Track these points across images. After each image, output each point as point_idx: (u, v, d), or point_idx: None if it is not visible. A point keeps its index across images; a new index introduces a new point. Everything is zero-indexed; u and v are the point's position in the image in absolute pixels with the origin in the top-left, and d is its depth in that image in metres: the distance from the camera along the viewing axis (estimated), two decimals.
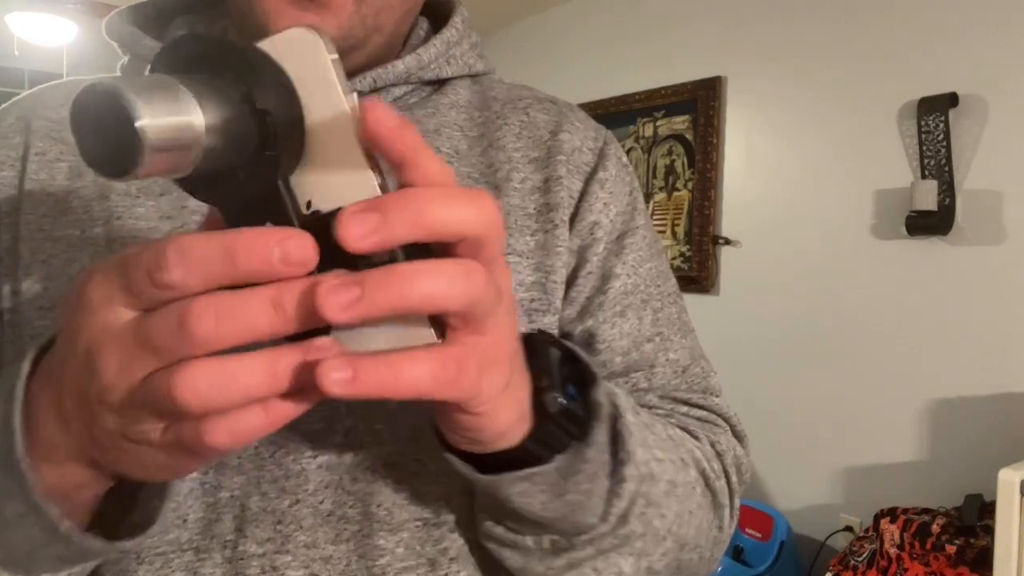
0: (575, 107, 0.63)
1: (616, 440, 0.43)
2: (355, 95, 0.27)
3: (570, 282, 0.55)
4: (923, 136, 2.19)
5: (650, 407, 0.55)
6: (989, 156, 2.13)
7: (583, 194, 0.57)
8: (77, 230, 0.50)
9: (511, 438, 0.37)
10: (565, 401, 0.39)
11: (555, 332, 0.53)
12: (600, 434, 0.41)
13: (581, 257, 0.56)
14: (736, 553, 2.45)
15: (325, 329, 0.27)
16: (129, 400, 0.27)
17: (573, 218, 0.56)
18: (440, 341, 0.29)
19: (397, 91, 0.57)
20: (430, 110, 0.57)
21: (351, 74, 0.53)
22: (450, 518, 0.50)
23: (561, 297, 0.55)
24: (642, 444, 0.44)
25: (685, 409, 0.57)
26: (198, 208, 0.49)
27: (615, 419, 0.43)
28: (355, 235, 0.25)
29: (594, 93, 3.26)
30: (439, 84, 0.60)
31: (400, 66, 0.55)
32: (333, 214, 0.26)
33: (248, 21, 0.48)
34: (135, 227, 0.49)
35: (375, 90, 0.55)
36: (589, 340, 0.55)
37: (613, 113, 3.15)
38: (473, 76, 0.62)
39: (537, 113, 0.60)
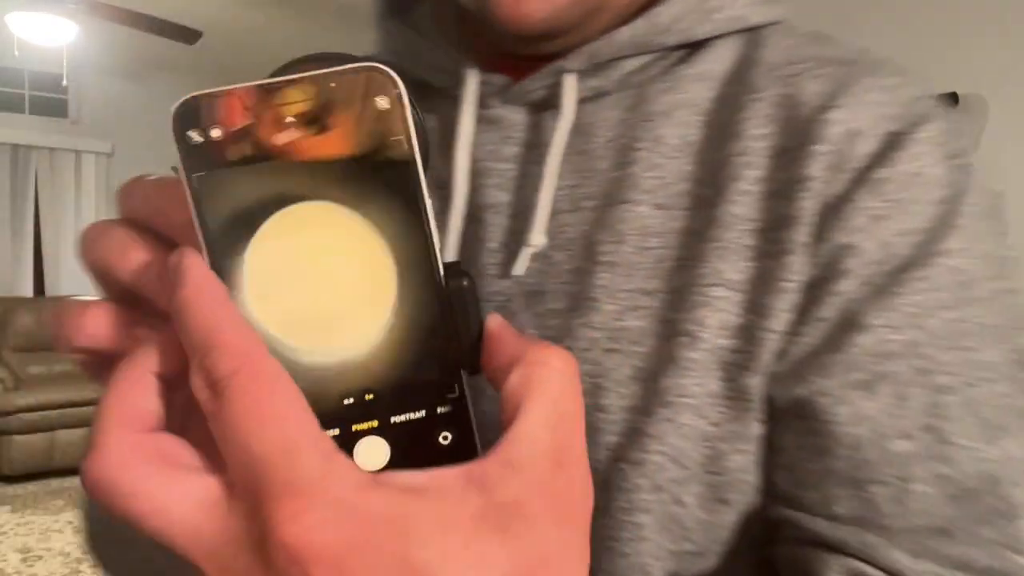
0: (892, 65, 0.42)
1: None
2: None
3: (793, 330, 0.38)
4: None
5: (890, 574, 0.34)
6: (989, 156, 2.13)
7: (839, 203, 0.38)
8: None
9: None
10: None
11: (760, 399, 0.38)
12: None
13: (812, 296, 0.38)
14: None
15: None
16: None
17: (818, 238, 0.38)
18: None
19: (629, 65, 0.43)
20: (667, 84, 0.43)
21: (564, 52, 0.43)
22: None
23: (775, 351, 0.38)
24: None
25: None
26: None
27: None
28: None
29: None
30: (696, 47, 0.45)
31: (625, 33, 0.43)
32: None
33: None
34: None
35: (595, 66, 0.43)
36: (800, 417, 0.37)
37: None
38: (751, 30, 0.45)
39: (808, 82, 0.41)
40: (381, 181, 0.23)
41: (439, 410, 0.24)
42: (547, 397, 0.22)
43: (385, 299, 0.24)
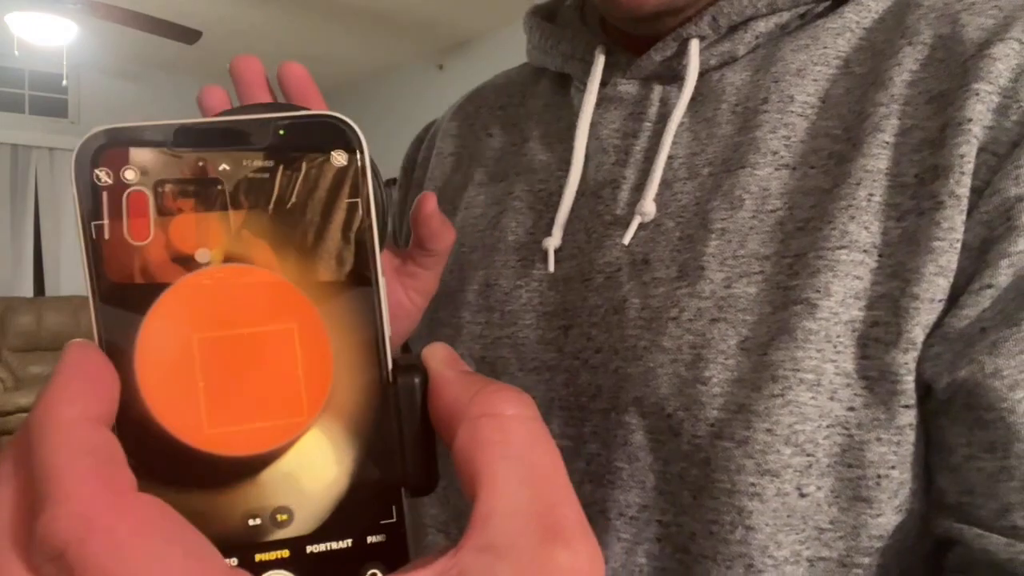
0: None
1: None
2: None
3: (953, 300, 0.33)
4: None
5: None
6: None
7: (1010, 148, 0.33)
8: None
9: None
10: None
11: (909, 381, 0.33)
12: None
13: (979, 259, 0.32)
14: None
15: None
16: None
17: (981, 191, 0.33)
18: None
19: (761, 25, 0.41)
20: (804, 42, 0.41)
21: (677, 26, 0.42)
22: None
23: (927, 326, 0.33)
24: None
25: None
26: (519, 195, 0.48)
27: None
28: None
29: None
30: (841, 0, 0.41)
31: None
32: None
33: None
34: (468, 216, 0.50)
35: (730, 29, 0.41)
36: (968, 406, 0.32)
37: None
38: None
39: (973, 17, 0.36)
40: (325, 247, 0.18)
41: (369, 539, 0.19)
42: (511, 454, 0.18)
43: (314, 394, 0.18)
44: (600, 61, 0.44)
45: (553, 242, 0.43)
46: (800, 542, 0.34)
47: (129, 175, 0.18)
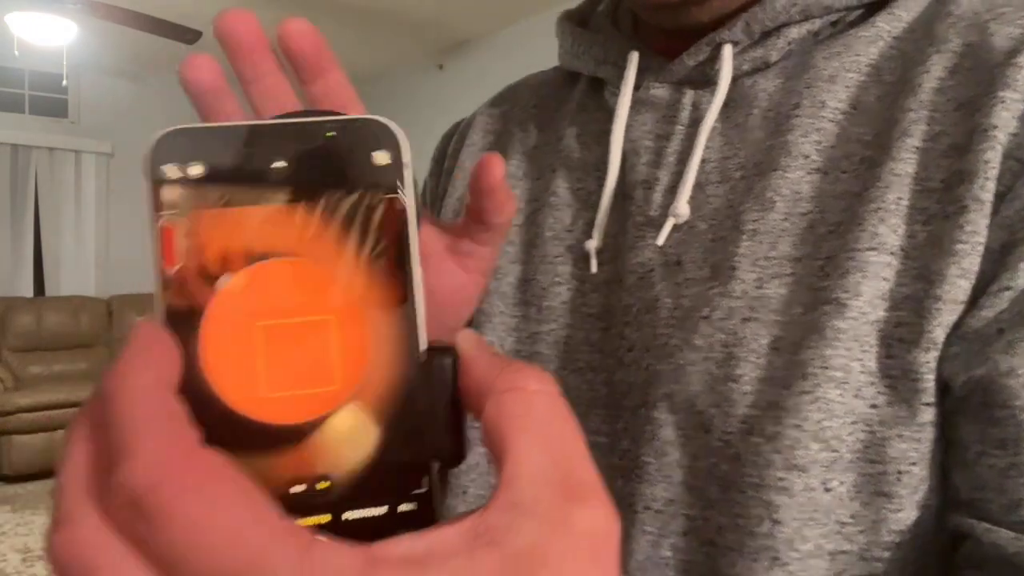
0: None
1: None
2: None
3: (973, 301, 0.34)
4: None
5: None
6: None
7: None
8: None
9: None
10: None
11: (930, 380, 0.34)
12: None
13: (1000, 262, 0.33)
14: None
15: None
16: None
17: (1004, 196, 0.34)
18: None
19: (794, 32, 0.41)
20: (836, 49, 0.41)
21: (699, 32, 0.43)
22: None
23: (948, 327, 0.34)
24: None
25: None
26: (557, 191, 0.49)
27: None
28: None
29: None
30: (877, 6, 0.42)
31: (782, 1, 0.41)
32: None
33: None
34: None
35: (763, 35, 0.42)
36: (982, 404, 0.33)
37: None
38: None
39: (1001, 26, 0.37)
40: (369, 242, 0.21)
41: (401, 508, 0.21)
42: (534, 424, 0.20)
43: (354, 373, 0.21)
44: (633, 65, 0.45)
45: (594, 243, 0.44)
46: (823, 536, 0.34)
47: (195, 171, 0.20)
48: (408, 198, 0.21)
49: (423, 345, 0.21)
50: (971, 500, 0.33)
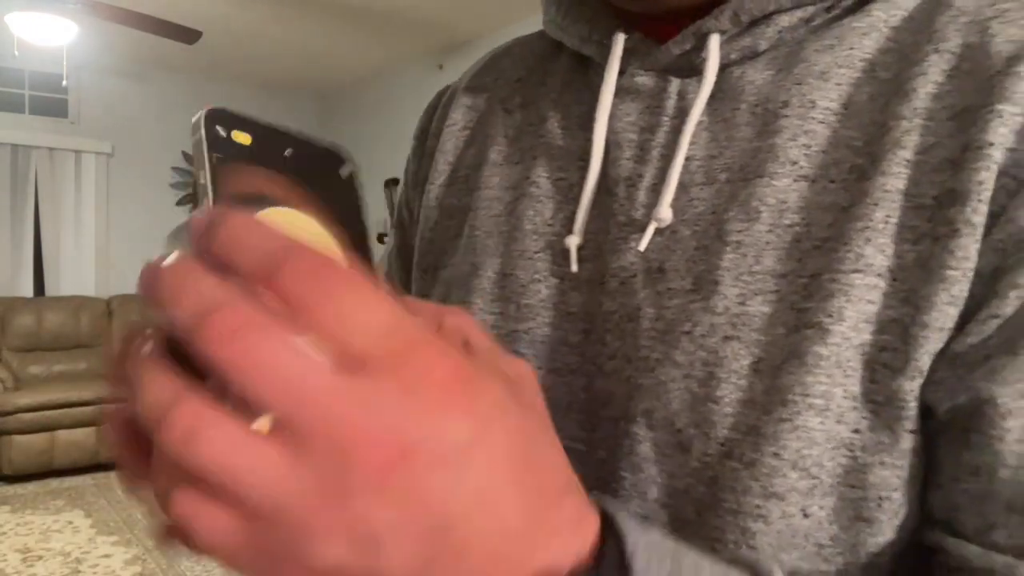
0: None
1: None
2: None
3: (962, 325, 0.33)
4: None
5: None
6: None
7: None
8: (455, 199, 0.51)
9: None
10: None
11: (914, 407, 0.33)
12: None
13: (988, 287, 0.32)
14: None
15: None
16: None
17: (998, 216, 0.33)
18: None
19: (785, 20, 0.39)
20: (829, 42, 0.39)
21: (688, 10, 0.41)
22: None
23: (935, 352, 0.33)
24: None
25: None
26: (537, 181, 0.47)
27: None
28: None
29: None
30: None
31: None
32: None
33: None
34: (483, 197, 0.49)
35: (751, 24, 0.40)
36: (963, 429, 0.32)
37: None
38: None
39: (1003, 27, 0.35)
40: (332, 207, 0.28)
41: None
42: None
43: None
44: (619, 48, 0.43)
45: (575, 240, 0.42)
46: (800, 558, 0.34)
47: (236, 135, 0.27)
48: (360, 198, 0.30)
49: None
50: (946, 520, 0.33)
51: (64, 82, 4.76)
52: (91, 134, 5.27)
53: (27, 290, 5.11)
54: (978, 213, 0.33)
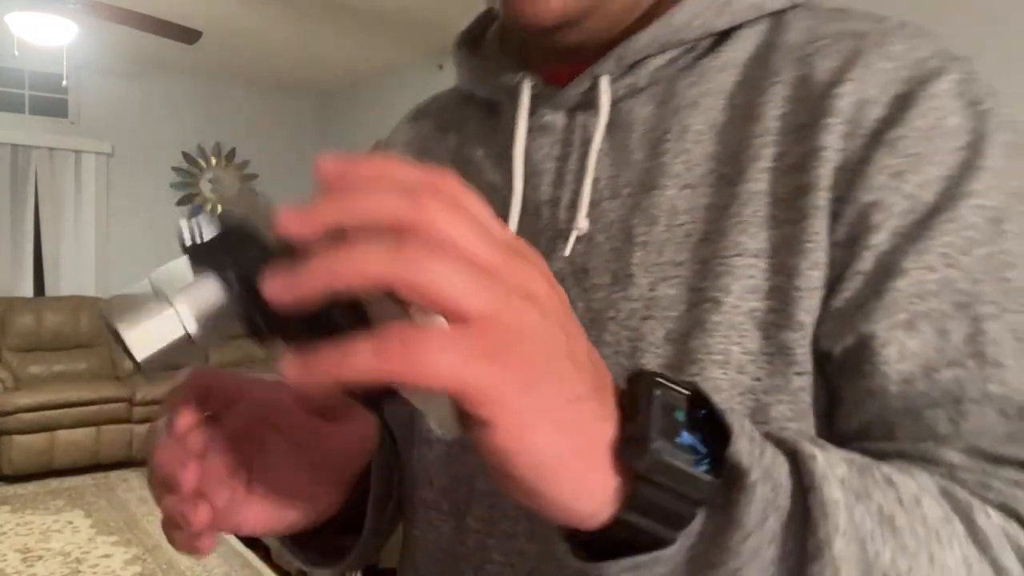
0: (903, 31, 0.45)
1: (807, 525, 0.32)
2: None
3: (833, 288, 0.42)
4: None
5: (951, 468, 0.38)
6: None
7: (858, 165, 0.42)
8: None
9: (583, 498, 0.30)
10: (665, 456, 0.30)
11: (801, 353, 0.42)
12: (748, 510, 0.31)
13: (848, 253, 0.41)
14: None
15: None
16: None
17: (841, 201, 0.42)
18: None
19: (657, 61, 0.49)
20: (693, 78, 0.49)
21: (576, 51, 0.50)
22: None
23: (811, 309, 0.42)
24: (864, 537, 0.32)
25: (1013, 474, 0.38)
26: (501, 184, 0.54)
27: (806, 492, 0.32)
28: (273, 292, 0.27)
29: None
30: (723, 36, 0.49)
31: (643, 39, 0.48)
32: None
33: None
34: None
35: (631, 66, 0.49)
36: (855, 364, 0.41)
37: None
38: (775, 15, 0.49)
39: (821, 60, 0.45)
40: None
41: None
42: None
43: None
44: (527, 94, 0.52)
45: None
46: None
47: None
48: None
49: None
50: (855, 434, 0.41)
51: (64, 82, 4.75)
52: (91, 134, 5.27)
53: (27, 290, 5.11)
54: (822, 199, 0.42)
